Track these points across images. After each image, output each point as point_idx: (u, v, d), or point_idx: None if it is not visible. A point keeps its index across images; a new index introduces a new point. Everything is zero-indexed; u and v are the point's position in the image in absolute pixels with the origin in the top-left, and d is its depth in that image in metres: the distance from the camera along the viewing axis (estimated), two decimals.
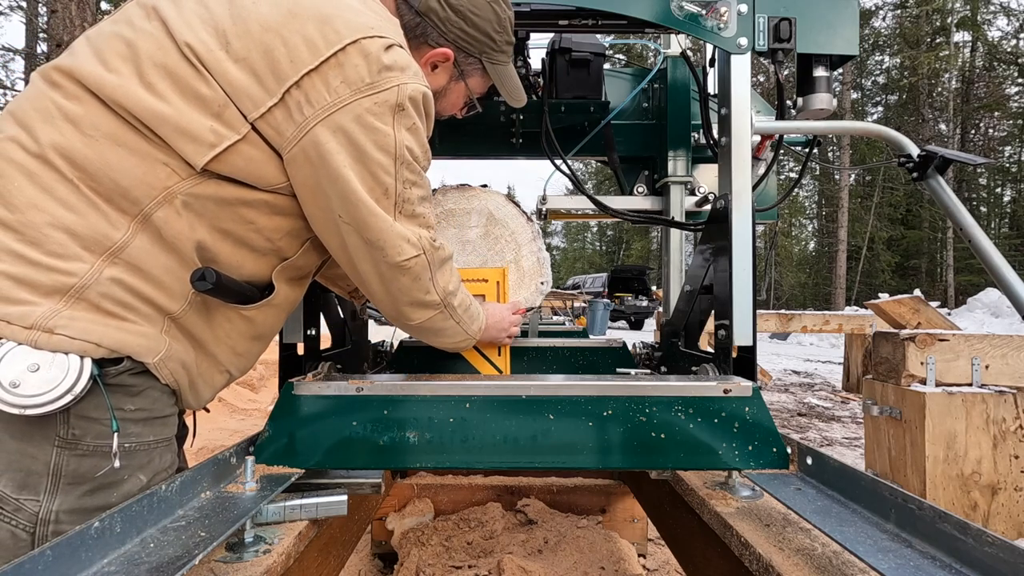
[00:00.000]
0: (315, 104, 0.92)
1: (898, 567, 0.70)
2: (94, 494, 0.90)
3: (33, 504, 0.86)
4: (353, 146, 0.95)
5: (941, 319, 4.05)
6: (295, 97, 0.91)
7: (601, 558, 2.03)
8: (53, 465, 0.87)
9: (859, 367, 6.38)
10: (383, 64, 0.94)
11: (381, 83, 0.94)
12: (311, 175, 0.96)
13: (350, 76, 0.92)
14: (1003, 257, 1.42)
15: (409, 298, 1.12)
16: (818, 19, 1.37)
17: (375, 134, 0.95)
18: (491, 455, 1.10)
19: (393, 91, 0.95)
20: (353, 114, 0.93)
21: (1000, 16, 30.01)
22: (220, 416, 4.59)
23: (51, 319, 0.84)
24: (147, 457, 0.96)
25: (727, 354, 1.31)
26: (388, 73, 0.95)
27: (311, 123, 0.92)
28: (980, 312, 12.00)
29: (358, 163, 0.96)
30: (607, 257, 49.66)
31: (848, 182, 29.37)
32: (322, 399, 1.10)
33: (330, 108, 0.92)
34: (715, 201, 1.41)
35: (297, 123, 0.92)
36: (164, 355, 0.95)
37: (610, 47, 2.02)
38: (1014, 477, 2.34)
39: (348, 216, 0.99)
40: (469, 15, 1.16)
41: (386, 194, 1.00)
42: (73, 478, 0.88)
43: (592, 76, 1.88)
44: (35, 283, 0.85)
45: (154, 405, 0.96)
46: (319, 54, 0.91)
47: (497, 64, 1.26)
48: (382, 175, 0.98)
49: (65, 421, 0.87)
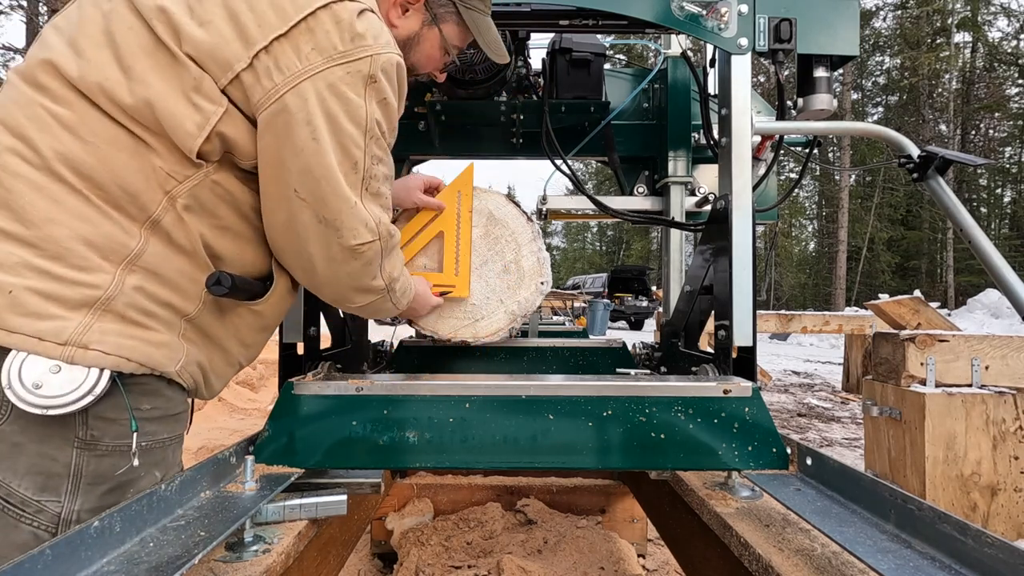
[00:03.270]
0: (285, 70, 0.89)
1: (898, 568, 0.70)
2: (114, 492, 0.91)
3: (55, 505, 0.86)
4: (325, 115, 0.91)
5: (941, 320, 4.06)
6: (264, 62, 0.88)
7: (601, 558, 2.03)
8: (73, 466, 0.87)
9: (859, 368, 6.38)
10: (356, 31, 0.91)
11: (354, 51, 0.91)
12: (273, 144, 0.92)
13: (322, 43, 0.90)
14: (1003, 258, 1.43)
15: (356, 283, 1.08)
16: (818, 20, 1.37)
17: (347, 104, 0.92)
18: (491, 455, 1.10)
19: (366, 61, 0.92)
20: (325, 82, 0.90)
21: (1000, 17, 30.03)
22: (219, 415, 4.59)
23: (84, 334, 0.84)
24: (161, 454, 0.97)
25: (727, 354, 1.31)
26: (361, 41, 0.92)
27: (281, 89, 0.89)
28: (980, 313, 12.01)
29: (329, 133, 0.92)
30: (607, 257, 49.67)
31: (848, 183, 29.38)
32: (322, 399, 1.10)
33: (301, 75, 0.89)
34: (715, 201, 1.41)
35: (266, 89, 0.89)
36: (184, 361, 0.96)
37: (610, 47, 2.02)
38: (1014, 478, 2.34)
39: (306, 191, 0.94)
40: None
41: (355, 168, 0.97)
42: (93, 478, 0.89)
43: (592, 76, 1.88)
44: (63, 298, 0.84)
45: (168, 404, 0.97)
46: (288, 19, 0.88)
47: (472, 10, 1.20)
48: (352, 148, 0.95)
49: (84, 422, 0.87)
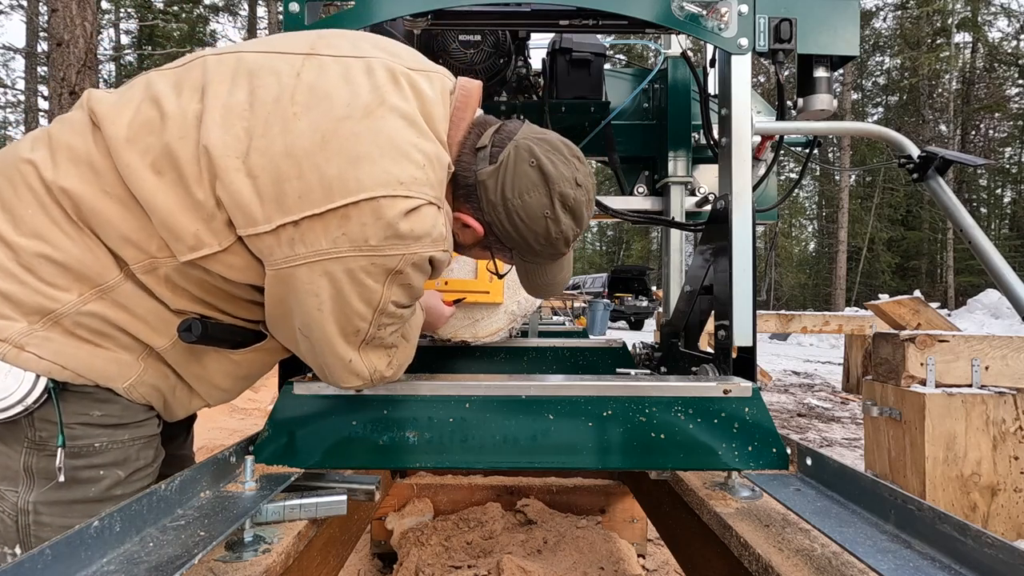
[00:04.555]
0: (309, 246, 0.86)
1: (897, 568, 0.70)
2: (70, 488, 0.93)
3: (12, 495, 0.91)
4: (335, 291, 0.89)
5: (941, 320, 4.05)
6: (289, 232, 0.86)
7: (600, 558, 2.03)
8: (23, 464, 0.91)
9: (859, 368, 6.38)
10: (396, 231, 0.86)
11: (385, 248, 0.87)
12: (284, 294, 0.92)
13: (353, 232, 0.85)
14: (1003, 258, 1.42)
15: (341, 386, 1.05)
16: (819, 20, 1.37)
17: (361, 288, 0.89)
18: (491, 455, 1.10)
19: (395, 258, 0.88)
20: (344, 267, 0.87)
21: (1001, 17, 29.99)
22: (219, 415, 4.59)
23: (24, 336, 0.87)
24: (123, 454, 0.97)
25: (727, 354, 1.31)
26: (397, 241, 0.87)
27: (298, 261, 0.87)
28: (980, 313, 12.00)
29: (335, 305, 0.90)
30: (607, 257, 49.63)
31: (848, 183, 29.36)
32: (322, 399, 1.10)
33: (323, 255, 0.86)
34: (715, 201, 1.41)
35: (285, 255, 0.87)
36: (135, 380, 0.95)
37: (611, 47, 2.02)
38: (1014, 478, 2.34)
39: (307, 334, 0.95)
40: (515, 217, 1.00)
41: (356, 334, 0.95)
42: (45, 475, 0.91)
43: (593, 76, 1.88)
44: (19, 301, 0.87)
45: (124, 412, 0.97)
46: (331, 200, 0.84)
47: (529, 262, 1.11)
48: (357, 321, 0.93)
49: (31, 424, 0.91)
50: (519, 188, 0.99)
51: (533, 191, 0.99)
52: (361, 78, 0.92)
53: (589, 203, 1.05)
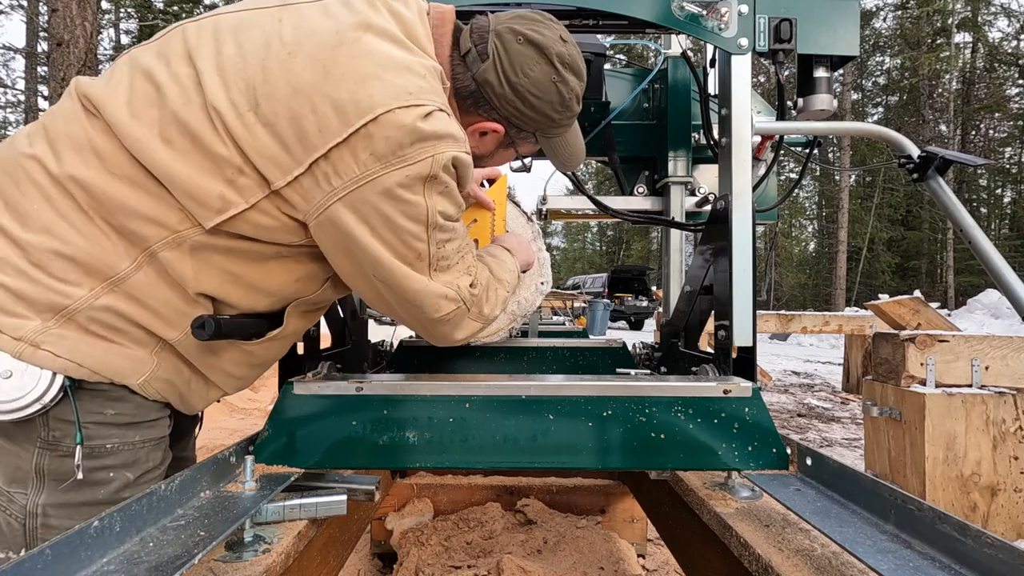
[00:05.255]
0: (343, 176, 0.88)
1: (897, 568, 0.70)
2: (80, 490, 0.92)
3: (21, 497, 0.90)
4: (380, 218, 0.91)
5: (941, 320, 4.05)
6: (323, 168, 0.88)
7: (600, 558, 2.03)
8: (35, 464, 0.90)
9: (859, 368, 6.38)
10: (419, 135, 0.88)
11: (414, 155, 0.89)
12: (340, 240, 0.94)
13: (379, 149, 0.87)
14: (1003, 258, 1.42)
15: (454, 336, 1.14)
16: (819, 20, 1.37)
17: (405, 205, 0.91)
18: (491, 455, 1.10)
19: (426, 163, 0.90)
20: (381, 187, 0.89)
21: (1001, 17, 30.01)
22: (220, 415, 4.59)
23: (40, 335, 0.87)
24: (132, 456, 0.97)
25: (727, 354, 1.31)
26: (423, 144, 0.89)
27: (338, 194, 0.89)
28: (980, 313, 12.01)
29: (388, 232, 0.92)
30: (607, 257, 49.66)
31: (848, 183, 29.37)
32: (322, 399, 1.10)
33: (358, 181, 0.88)
34: (715, 202, 1.41)
35: (325, 192, 0.89)
36: (150, 376, 0.95)
37: (611, 47, 2.02)
38: (1014, 478, 2.34)
39: (381, 278, 0.97)
40: (528, 96, 1.05)
41: (420, 258, 0.97)
42: (56, 476, 0.91)
43: (592, 76, 1.87)
44: (32, 299, 0.87)
45: (137, 411, 0.97)
46: (349, 124, 0.86)
47: (552, 137, 1.17)
48: (414, 242, 0.95)
49: (45, 424, 0.90)
50: (520, 68, 1.03)
51: (534, 65, 1.03)
52: (340, 10, 0.94)
53: (579, 53, 1.10)
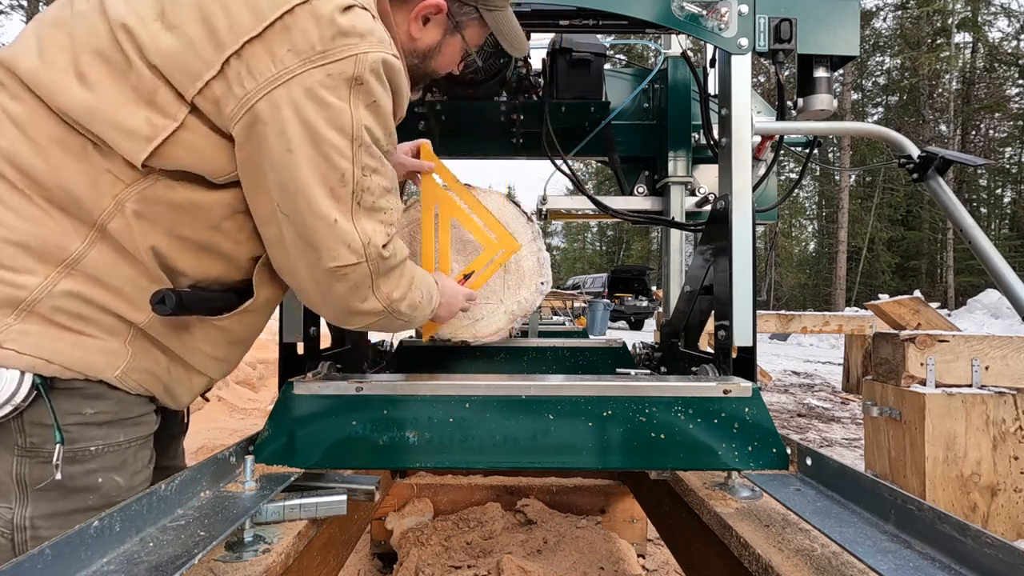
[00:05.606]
0: (258, 76, 0.81)
1: (897, 568, 0.70)
2: (68, 498, 0.88)
3: (6, 511, 0.85)
4: (302, 123, 0.83)
5: (941, 320, 4.05)
6: (235, 68, 0.81)
7: (600, 558, 2.03)
8: (16, 474, 0.85)
9: (859, 368, 6.38)
10: (338, 28, 0.82)
11: (335, 51, 0.83)
12: (254, 155, 0.85)
13: (298, 43, 0.81)
14: (1003, 258, 1.43)
15: (346, 307, 0.99)
16: (819, 20, 1.37)
17: (328, 110, 0.84)
18: (491, 455, 1.10)
19: (350, 61, 0.83)
20: (302, 87, 0.82)
21: (1001, 17, 30.00)
22: (219, 415, 4.59)
23: (1, 332, 0.81)
24: (119, 458, 0.93)
25: (727, 354, 1.31)
26: (344, 40, 0.83)
27: (253, 98, 0.81)
28: (980, 313, 12.01)
29: (308, 144, 0.84)
30: (607, 257, 49.66)
31: (848, 183, 29.38)
32: (322, 399, 1.10)
33: (275, 80, 0.81)
34: (715, 202, 1.41)
35: (238, 98, 0.82)
36: (127, 367, 0.90)
37: (611, 47, 2.02)
38: (1014, 478, 2.34)
39: (287, 206, 0.87)
40: None
41: (342, 181, 0.87)
42: (41, 485, 0.86)
43: (593, 76, 1.88)
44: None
45: (119, 407, 0.92)
46: (263, 18, 0.80)
47: (495, 10, 1.13)
48: (337, 158, 0.86)
49: (20, 429, 0.84)
50: None
51: None
52: None
53: None
